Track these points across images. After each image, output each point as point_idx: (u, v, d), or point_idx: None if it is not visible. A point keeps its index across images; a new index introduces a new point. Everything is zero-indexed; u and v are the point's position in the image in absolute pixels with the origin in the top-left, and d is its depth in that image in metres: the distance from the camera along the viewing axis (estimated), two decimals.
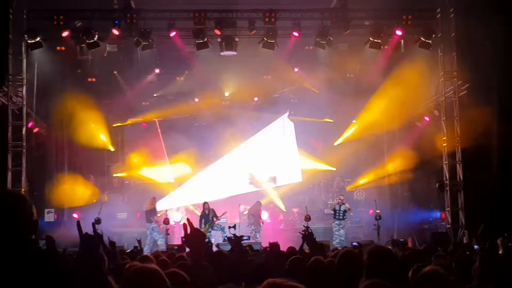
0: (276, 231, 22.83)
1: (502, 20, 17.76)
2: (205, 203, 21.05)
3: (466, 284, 5.66)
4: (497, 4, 17.80)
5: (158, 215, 21.34)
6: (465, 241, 18.47)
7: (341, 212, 20.96)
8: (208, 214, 20.76)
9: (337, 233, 20.82)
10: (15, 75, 19.47)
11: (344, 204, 21.16)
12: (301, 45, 21.97)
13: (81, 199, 22.01)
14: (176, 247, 15.32)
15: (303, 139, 25.68)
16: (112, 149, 24.86)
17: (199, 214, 21.74)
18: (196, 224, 19.84)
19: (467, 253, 11.30)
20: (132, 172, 25.08)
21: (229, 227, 18.01)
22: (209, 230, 20.47)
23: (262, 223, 21.55)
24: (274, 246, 12.26)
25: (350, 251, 5.12)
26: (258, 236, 20.96)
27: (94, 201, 22.55)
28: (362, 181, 24.93)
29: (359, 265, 4.54)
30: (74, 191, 21.85)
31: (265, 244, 15.79)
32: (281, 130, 26.24)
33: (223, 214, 20.83)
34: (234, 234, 11.58)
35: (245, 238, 10.66)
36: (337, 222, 20.97)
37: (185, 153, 25.28)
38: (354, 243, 17.06)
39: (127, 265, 5.88)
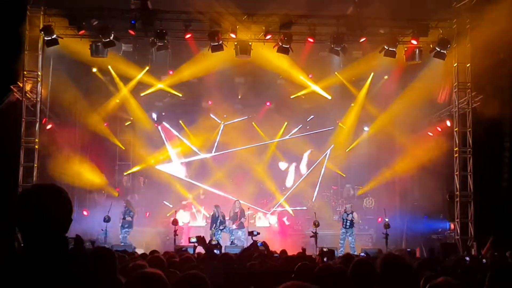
0: (285, 236, 22.88)
1: None
2: (216, 206, 21.19)
3: None
4: None
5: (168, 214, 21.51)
6: (473, 253, 18.40)
7: (348, 220, 20.92)
8: (217, 217, 20.89)
9: (342, 241, 20.80)
10: (30, 71, 19.58)
11: (352, 212, 21.10)
12: (316, 51, 22.01)
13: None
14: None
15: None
16: (123, 147, 25.02)
17: (208, 215, 21.92)
18: (207, 226, 20.04)
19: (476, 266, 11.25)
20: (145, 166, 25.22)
21: (249, 233, 17.65)
22: (219, 232, 20.59)
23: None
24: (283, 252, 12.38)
25: (363, 260, 5.12)
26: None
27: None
28: (371, 187, 24.91)
29: (372, 275, 4.54)
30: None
31: (272, 247, 15.82)
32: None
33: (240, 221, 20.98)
34: (264, 242, 11.64)
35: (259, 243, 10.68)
36: (343, 230, 20.95)
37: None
38: (362, 254, 17.04)
39: (130, 264, 5.93)
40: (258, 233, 16.80)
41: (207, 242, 8.88)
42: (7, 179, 18.24)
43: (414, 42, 20.38)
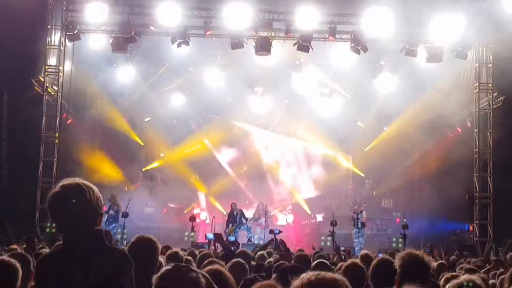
0: (301, 234, 22.81)
1: None
2: (232, 204, 21.16)
3: None
4: None
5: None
6: (492, 255, 18.25)
7: (359, 221, 20.90)
8: (236, 215, 20.87)
9: (356, 240, 20.80)
10: (52, 66, 19.71)
11: (361, 212, 21.06)
12: (336, 49, 21.89)
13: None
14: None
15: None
16: (142, 143, 25.13)
17: (225, 212, 21.90)
18: (223, 225, 20.09)
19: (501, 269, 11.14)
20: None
21: (271, 231, 17.56)
22: (237, 230, 20.58)
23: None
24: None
25: (386, 259, 5.08)
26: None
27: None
28: (389, 187, 24.75)
29: (393, 274, 4.50)
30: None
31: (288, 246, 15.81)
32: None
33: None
34: (281, 239, 11.67)
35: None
36: (355, 230, 20.97)
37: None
38: (380, 254, 16.92)
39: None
40: (280, 231, 16.80)
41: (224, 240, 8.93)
42: (27, 173, 18.44)
43: (435, 41, 20.16)
